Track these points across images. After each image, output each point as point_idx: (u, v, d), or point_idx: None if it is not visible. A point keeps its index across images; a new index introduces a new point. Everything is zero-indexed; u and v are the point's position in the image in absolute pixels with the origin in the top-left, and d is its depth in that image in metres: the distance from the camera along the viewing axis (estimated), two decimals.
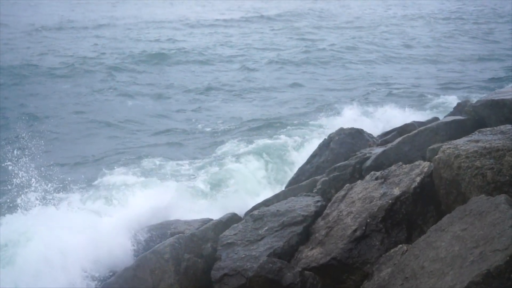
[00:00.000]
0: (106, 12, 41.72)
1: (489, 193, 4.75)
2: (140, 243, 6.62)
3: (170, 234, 6.53)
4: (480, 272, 3.61)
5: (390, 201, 5.47)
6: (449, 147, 5.43)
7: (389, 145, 7.31)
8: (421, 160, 6.14)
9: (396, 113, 12.80)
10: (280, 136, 12.26)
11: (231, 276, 5.45)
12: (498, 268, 3.58)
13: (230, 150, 11.72)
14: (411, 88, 17.36)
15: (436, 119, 9.41)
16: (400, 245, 5.00)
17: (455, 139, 5.87)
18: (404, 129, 8.89)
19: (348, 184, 6.38)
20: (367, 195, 5.77)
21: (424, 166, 5.77)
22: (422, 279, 4.10)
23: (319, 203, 6.32)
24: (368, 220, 5.39)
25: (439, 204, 5.44)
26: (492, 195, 4.57)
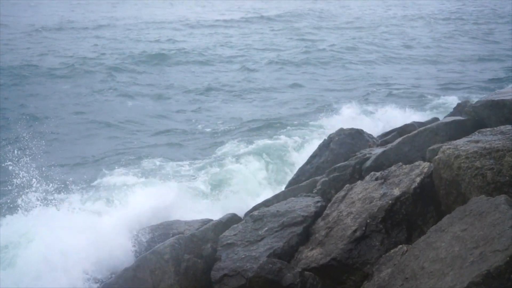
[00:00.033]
0: (106, 13, 41.72)
1: (489, 194, 4.75)
2: (141, 244, 6.61)
3: (171, 235, 6.53)
4: (480, 273, 3.61)
5: (390, 202, 5.46)
6: (449, 148, 5.43)
7: (389, 146, 7.31)
8: (421, 161, 6.14)
9: (397, 114, 12.80)
10: (280, 137, 12.27)
11: (231, 277, 5.45)
12: (498, 269, 3.58)
13: (230, 151, 11.72)
14: (411, 89, 17.36)
15: (436, 120, 9.41)
16: (400, 246, 5.00)
17: (455, 140, 5.86)
18: (404, 130, 8.89)
19: (348, 185, 6.38)
20: (367, 196, 5.77)
21: (424, 167, 5.76)
22: (422, 280, 4.10)
23: (319, 204, 6.32)
24: (368, 221, 5.38)
25: (439, 205, 5.44)
26: (492, 196, 4.57)
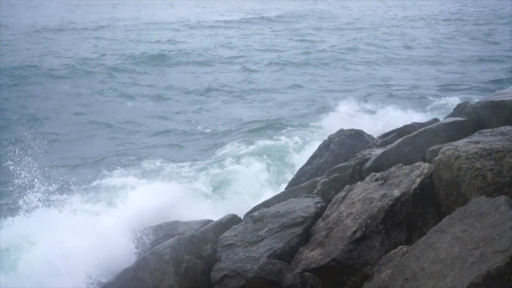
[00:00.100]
0: (106, 14, 41.76)
1: (489, 195, 4.75)
2: (142, 245, 6.60)
3: (170, 236, 6.52)
4: (480, 274, 3.61)
5: (390, 202, 5.46)
6: (449, 149, 5.43)
7: (389, 146, 7.31)
8: (421, 161, 6.13)
9: (398, 114, 12.80)
10: (280, 138, 12.28)
11: (231, 277, 5.45)
12: (498, 270, 3.57)
13: (231, 152, 11.72)
14: (412, 89, 17.36)
15: (436, 120, 9.41)
16: (400, 246, 4.99)
17: (455, 141, 5.86)
18: (404, 130, 8.89)
19: (348, 185, 6.38)
20: (367, 196, 5.76)
21: (424, 168, 5.76)
22: (422, 281, 4.10)
23: (319, 204, 6.31)
24: (368, 221, 5.38)
25: (439, 205, 5.44)
26: (492, 197, 4.57)
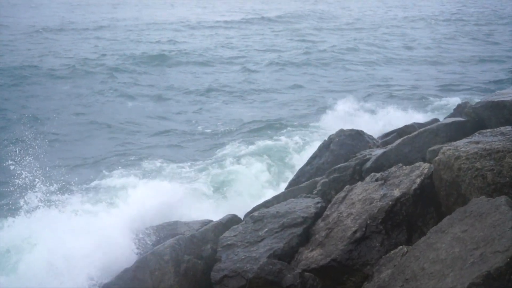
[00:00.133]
0: (107, 14, 41.76)
1: (489, 195, 4.75)
2: (143, 245, 6.59)
3: (171, 236, 6.52)
4: (481, 274, 3.61)
5: (390, 203, 5.46)
6: (449, 149, 5.43)
7: (389, 147, 7.31)
8: (421, 162, 6.13)
9: (398, 115, 12.80)
10: (281, 138, 12.29)
11: (231, 278, 5.44)
12: (499, 270, 3.57)
13: (231, 152, 11.72)
14: (412, 90, 17.36)
15: (436, 121, 9.41)
16: (400, 247, 4.99)
17: (455, 141, 5.86)
18: (404, 131, 8.90)
19: (348, 186, 6.38)
20: (367, 197, 5.76)
21: (424, 168, 5.76)
22: (422, 281, 4.09)
23: (319, 205, 6.31)
24: (368, 222, 5.38)
25: (439, 206, 5.44)
26: (492, 197, 4.56)
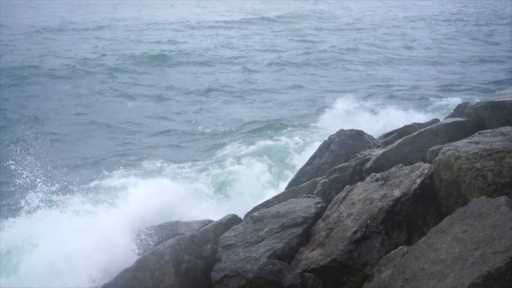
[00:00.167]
0: (107, 14, 41.76)
1: (490, 195, 4.75)
2: (144, 245, 6.59)
3: (171, 236, 6.52)
4: (481, 274, 3.61)
5: (391, 203, 5.46)
6: (450, 149, 5.43)
7: (390, 147, 7.31)
8: (422, 162, 6.13)
9: (399, 115, 12.80)
10: (281, 138, 12.28)
11: (231, 278, 5.44)
12: (499, 270, 3.57)
13: (231, 152, 11.72)
14: (412, 90, 17.36)
15: (436, 121, 9.41)
16: (401, 247, 4.99)
17: (456, 141, 5.86)
18: (404, 131, 8.90)
19: (349, 186, 6.38)
20: (368, 197, 5.76)
21: (425, 168, 5.76)
22: (423, 281, 4.09)
23: (319, 205, 6.32)
24: (369, 222, 5.38)
25: (440, 206, 5.44)
26: (493, 197, 4.56)
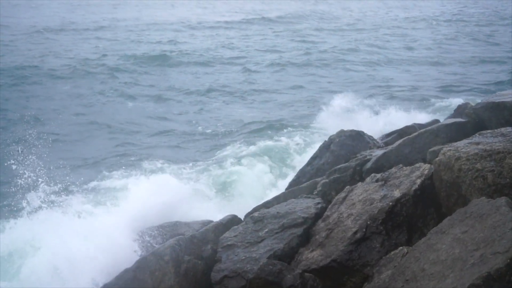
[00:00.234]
0: (107, 14, 41.75)
1: (490, 196, 4.75)
2: (143, 245, 6.58)
3: (171, 236, 6.52)
4: (481, 275, 3.60)
5: (391, 203, 5.46)
6: (450, 150, 5.42)
7: (390, 147, 7.31)
8: (422, 162, 6.14)
9: (399, 115, 12.78)
10: (281, 138, 12.29)
11: (231, 278, 5.44)
12: (499, 271, 3.57)
13: (232, 153, 11.72)
14: (413, 91, 17.36)
15: (437, 122, 9.41)
16: (401, 248, 4.99)
17: (456, 142, 5.86)
18: (405, 131, 8.90)
19: (349, 186, 6.38)
20: (368, 197, 5.76)
21: (425, 169, 5.76)
22: (423, 282, 4.09)
23: (320, 205, 6.32)
24: (369, 222, 5.38)
25: (440, 207, 5.44)
26: (493, 198, 4.56)
